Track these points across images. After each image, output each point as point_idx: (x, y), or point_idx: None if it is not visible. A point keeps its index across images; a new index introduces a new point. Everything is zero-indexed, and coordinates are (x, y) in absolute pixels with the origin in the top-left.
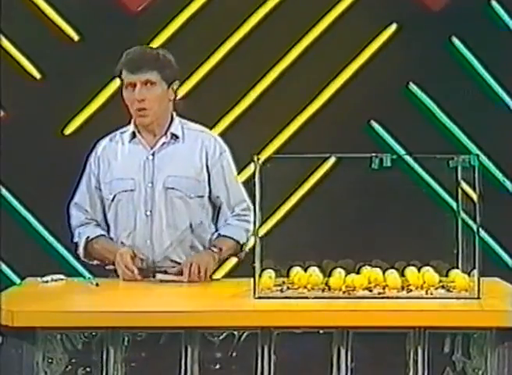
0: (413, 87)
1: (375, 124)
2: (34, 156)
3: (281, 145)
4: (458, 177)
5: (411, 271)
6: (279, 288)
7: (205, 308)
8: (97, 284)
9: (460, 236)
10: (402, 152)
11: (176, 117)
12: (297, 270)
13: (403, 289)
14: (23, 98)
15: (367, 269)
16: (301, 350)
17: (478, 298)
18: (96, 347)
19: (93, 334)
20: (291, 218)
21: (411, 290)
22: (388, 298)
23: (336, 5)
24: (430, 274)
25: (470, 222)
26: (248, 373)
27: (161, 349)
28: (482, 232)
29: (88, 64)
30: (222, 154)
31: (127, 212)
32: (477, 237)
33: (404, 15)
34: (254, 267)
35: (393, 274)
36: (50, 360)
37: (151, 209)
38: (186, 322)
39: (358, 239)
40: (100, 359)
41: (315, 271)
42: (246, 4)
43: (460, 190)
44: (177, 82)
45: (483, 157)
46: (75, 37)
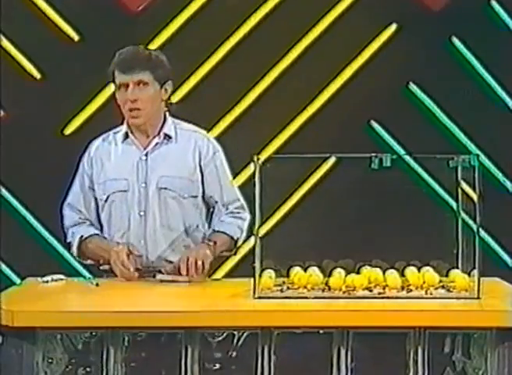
0: (413, 87)
1: (375, 124)
2: (34, 156)
3: (281, 145)
4: (458, 177)
5: (411, 271)
6: (279, 288)
7: (205, 308)
8: (97, 284)
9: (460, 236)
10: (402, 152)
11: (169, 117)
12: (297, 270)
13: (403, 289)
14: (23, 98)
15: (367, 269)
16: (301, 350)
17: (478, 298)
18: (96, 347)
19: (93, 334)
20: (291, 218)
21: (411, 290)
22: (388, 298)
23: (336, 5)
24: (430, 274)
25: (470, 222)
26: (248, 373)
27: (161, 349)
28: (482, 232)
29: (88, 64)
30: (216, 154)
31: (121, 213)
32: (477, 237)
33: (404, 15)
34: (254, 267)
35: (393, 274)
36: (50, 360)
37: (145, 210)
38: (186, 322)
39: (358, 239)
40: (100, 359)
41: (315, 271)
42: (246, 4)
43: (460, 190)
44: (170, 82)
45: (483, 157)
46: (75, 37)
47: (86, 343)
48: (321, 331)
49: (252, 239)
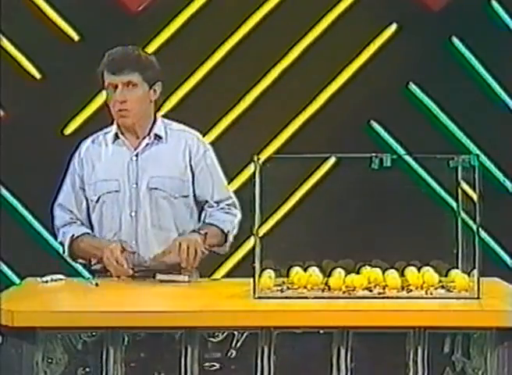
0: (413, 87)
1: (375, 124)
2: (34, 156)
3: (281, 145)
4: (458, 177)
5: (411, 271)
6: (279, 288)
7: (205, 308)
8: (96, 284)
9: (460, 236)
10: (402, 152)
11: (159, 118)
12: (297, 270)
13: (403, 289)
14: (23, 98)
15: (367, 269)
16: (301, 350)
17: (478, 298)
18: (96, 347)
19: (93, 334)
20: (291, 218)
21: (411, 290)
22: (388, 298)
23: (336, 5)
24: (430, 274)
25: (470, 222)
26: (248, 373)
27: (160, 349)
28: (482, 232)
29: (88, 64)
30: (206, 152)
31: (112, 213)
32: (477, 237)
33: (404, 15)
34: (254, 267)
35: (393, 274)
36: (50, 360)
37: (136, 210)
38: (185, 322)
39: (358, 239)
40: (99, 359)
41: (315, 271)
42: (246, 4)
43: (460, 190)
44: (159, 83)
45: (483, 157)
46: (75, 37)
47: (86, 343)
48: (321, 331)
49: (252, 239)
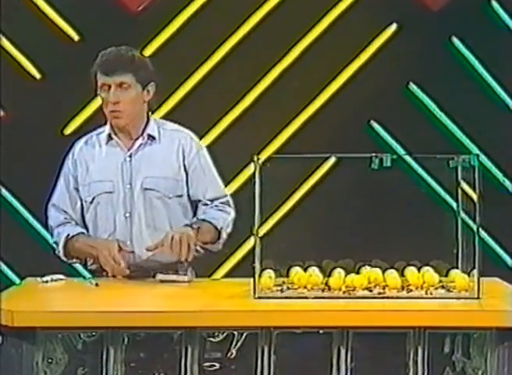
0: (413, 87)
1: (375, 124)
2: (34, 156)
3: (281, 145)
4: (458, 177)
5: (411, 271)
6: (279, 288)
7: (205, 308)
8: (96, 284)
9: (460, 236)
10: (402, 152)
11: (152, 118)
12: (297, 270)
13: (403, 289)
14: (23, 98)
15: (367, 269)
16: (301, 350)
17: (478, 298)
18: (96, 347)
19: (93, 334)
20: (291, 218)
21: (411, 290)
22: (388, 298)
23: (336, 5)
24: (430, 274)
25: (470, 222)
26: (248, 373)
27: (160, 349)
28: (482, 232)
29: (88, 64)
30: (199, 151)
31: (106, 214)
32: (477, 237)
33: (404, 15)
34: (254, 267)
35: (393, 274)
36: (50, 360)
37: (131, 211)
38: (185, 322)
39: (358, 239)
40: (99, 359)
41: (315, 271)
42: (246, 4)
43: (460, 190)
44: (153, 84)
45: (483, 157)
46: (75, 37)
47: (85, 343)
48: (321, 331)
49: (252, 239)
